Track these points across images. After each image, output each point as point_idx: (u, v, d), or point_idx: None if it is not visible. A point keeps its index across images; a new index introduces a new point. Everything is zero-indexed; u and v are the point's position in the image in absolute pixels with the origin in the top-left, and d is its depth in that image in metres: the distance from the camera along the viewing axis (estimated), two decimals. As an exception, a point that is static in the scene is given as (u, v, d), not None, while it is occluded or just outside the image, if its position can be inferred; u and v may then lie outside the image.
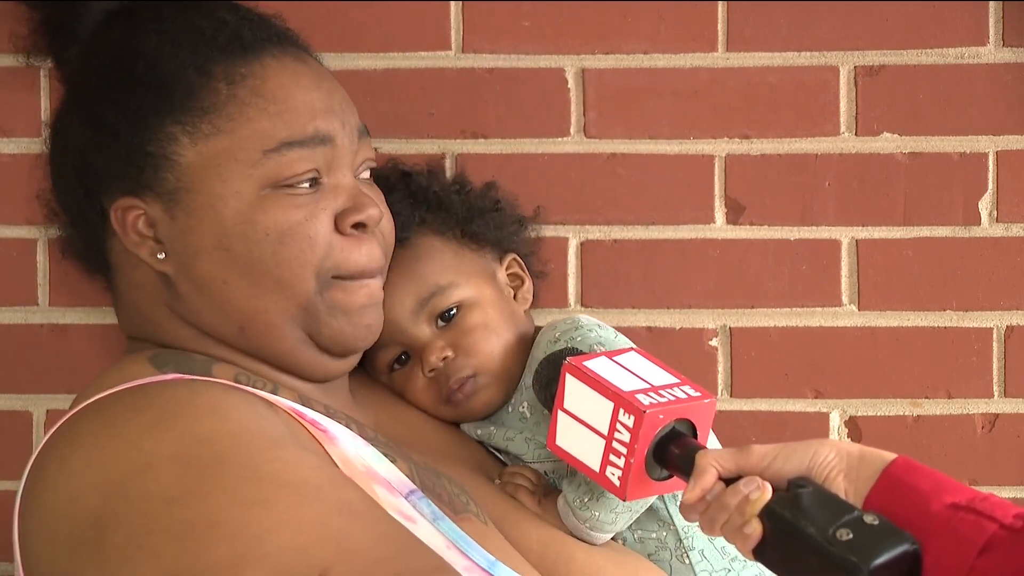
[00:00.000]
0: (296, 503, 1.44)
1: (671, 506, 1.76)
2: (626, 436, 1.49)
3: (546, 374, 1.67)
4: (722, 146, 2.06)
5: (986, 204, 2.04)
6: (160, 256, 1.63)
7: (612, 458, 1.51)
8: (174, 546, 1.41)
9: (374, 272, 1.69)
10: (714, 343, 2.07)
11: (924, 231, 2.04)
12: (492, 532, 1.63)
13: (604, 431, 1.51)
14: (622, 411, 1.49)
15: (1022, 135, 2.03)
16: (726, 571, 1.77)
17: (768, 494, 1.40)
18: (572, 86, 2.07)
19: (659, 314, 2.07)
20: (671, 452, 1.50)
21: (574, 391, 1.54)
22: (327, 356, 1.68)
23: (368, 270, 1.68)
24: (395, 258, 1.76)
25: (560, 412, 1.56)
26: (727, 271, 2.06)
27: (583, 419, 1.54)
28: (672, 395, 1.52)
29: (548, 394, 1.65)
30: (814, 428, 2.05)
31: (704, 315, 2.07)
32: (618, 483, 1.51)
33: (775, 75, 2.05)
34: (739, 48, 2.05)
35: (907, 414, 2.05)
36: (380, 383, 1.85)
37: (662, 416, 1.49)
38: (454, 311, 1.81)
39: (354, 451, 1.57)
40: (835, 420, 2.06)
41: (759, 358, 2.06)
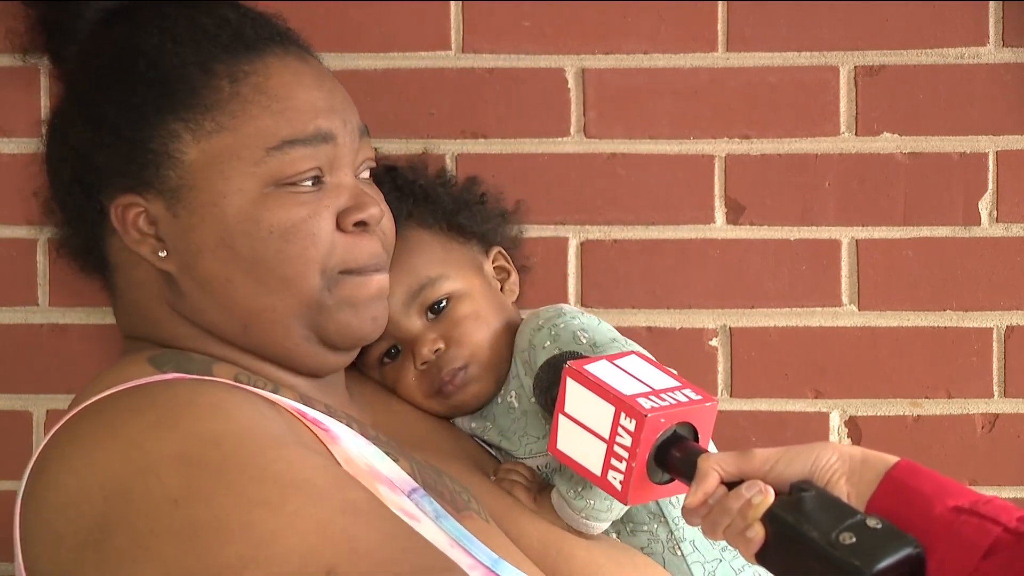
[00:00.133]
0: (302, 503, 1.43)
1: (662, 499, 1.75)
2: (627, 440, 1.49)
3: (546, 378, 1.67)
4: (722, 146, 2.06)
5: (986, 204, 2.04)
6: (162, 254, 1.63)
7: (614, 462, 1.51)
8: (179, 547, 1.41)
9: (379, 267, 1.69)
10: (714, 343, 2.07)
11: (924, 231, 2.05)
12: (494, 530, 1.63)
13: (605, 435, 1.51)
14: (623, 415, 1.49)
15: (1022, 135, 2.03)
16: (718, 561, 1.77)
17: (770, 498, 1.40)
18: (572, 86, 2.07)
19: (659, 314, 2.07)
20: (673, 456, 1.49)
21: (575, 395, 1.54)
22: (329, 351, 1.67)
23: (373, 264, 1.68)
24: None
25: (561, 416, 1.56)
26: (727, 271, 2.06)
27: (584, 423, 1.53)
28: (673, 399, 1.51)
29: (549, 398, 1.64)
30: (814, 428, 2.05)
31: (704, 315, 2.07)
32: (620, 487, 1.50)
33: (775, 75, 2.05)
34: (739, 48, 2.05)
35: (907, 414, 2.05)
36: (372, 380, 1.85)
37: (663, 420, 1.49)
38: (444, 303, 1.81)
39: (356, 450, 1.57)
40: (835, 420, 2.06)
41: (759, 358, 2.06)
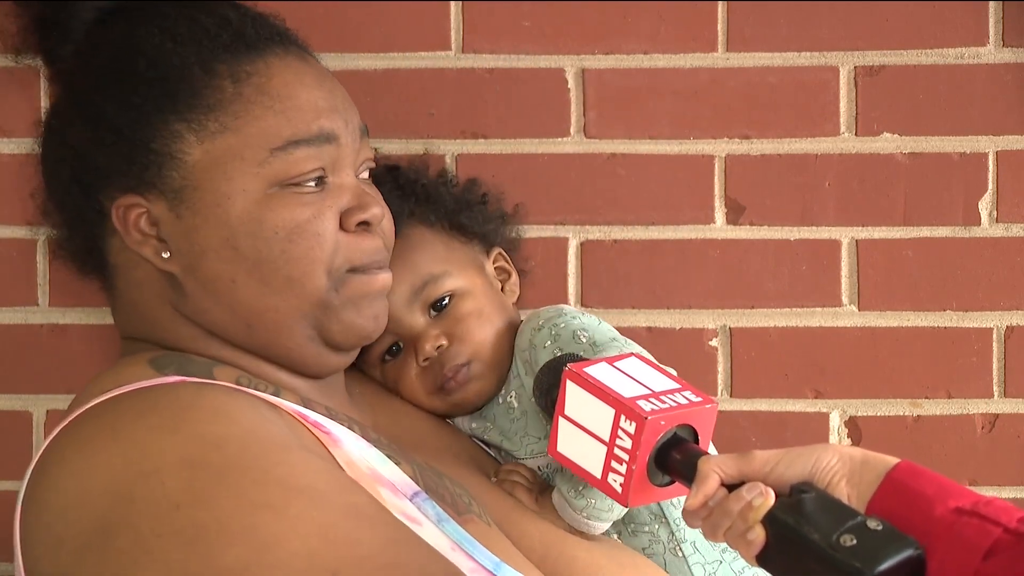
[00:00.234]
0: (305, 507, 1.43)
1: (662, 500, 1.75)
2: (628, 442, 1.49)
3: (546, 380, 1.67)
4: (722, 146, 2.06)
5: (986, 204, 2.04)
6: (164, 255, 1.62)
7: (614, 464, 1.50)
8: (182, 551, 1.41)
9: (383, 265, 1.69)
10: (714, 343, 2.07)
11: (924, 231, 2.04)
12: (495, 533, 1.63)
13: (605, 438, 1.51)
14: (623, 417, 1.49)
15: (1022, 135, 2.03)
16: (718, 563, 1.77)
17: (771, 500, 1.40)
18: (572, 86, 2.07)
19: (659, 314, 2.07)
20: (673, 458, 1.49)
21: (575, 397, 1.54)
22: (331, 351, 1.67)
23: (377, 262, 1.68)
24: None
25: (561, 419, 1.55)
26: (727, 271, 2.06)
27: (584, 426, 1.53)
28: (674, 401, 1.51)
29: (549, 400, 1.64)
30: (814, 428, 2.05)
31: (704, 315, 2.07)
32: (620, 489, 1.50)
33: (775, 75, 2.05)
34: (739, 48, 2.05)
35: (907, 414, 2.05)
36: (372, 380, 1.85)
37: (663, 422, 1.49)
38: (447, 300, 1.82)
39: (358, 453, 1.57)
40: (835, 420, 2.06)
41: (759, 358, 2.06)
